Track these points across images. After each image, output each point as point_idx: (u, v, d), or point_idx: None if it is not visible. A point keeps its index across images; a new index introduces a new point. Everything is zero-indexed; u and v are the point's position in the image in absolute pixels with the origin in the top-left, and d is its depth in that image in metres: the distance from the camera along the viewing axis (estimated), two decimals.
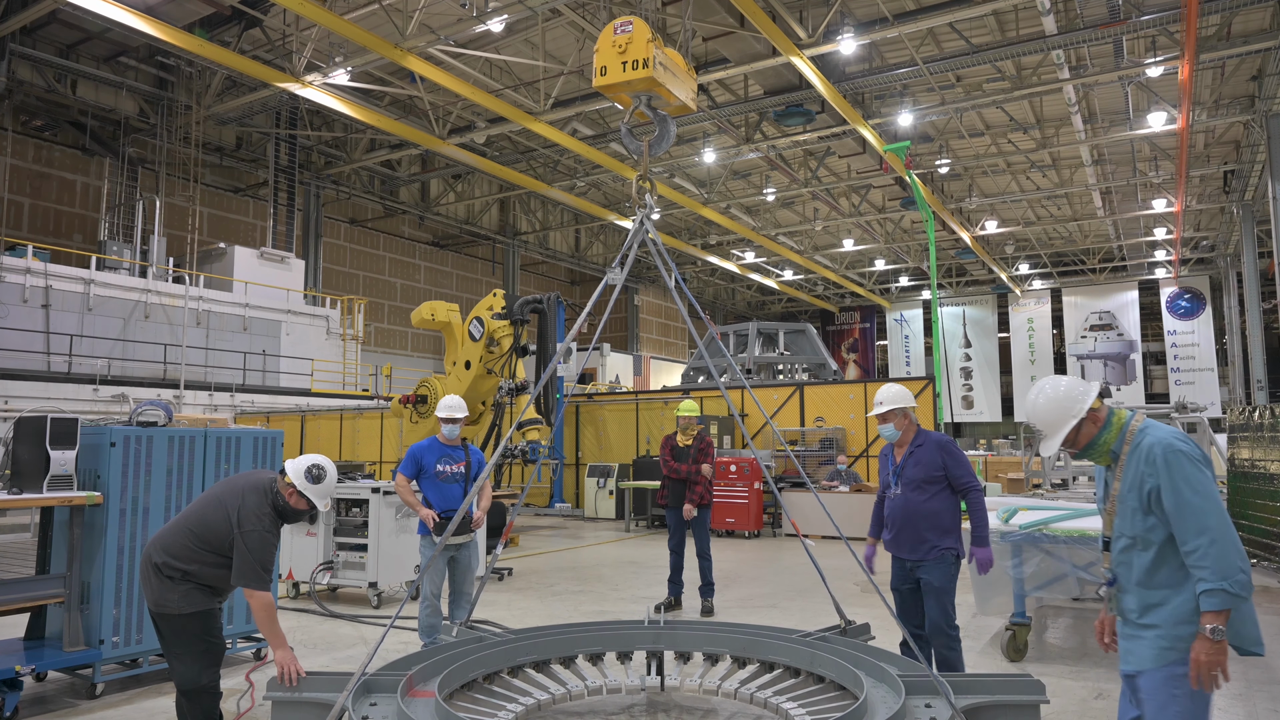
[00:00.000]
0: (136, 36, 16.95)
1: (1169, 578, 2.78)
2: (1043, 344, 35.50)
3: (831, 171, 25.15)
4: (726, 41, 15.76)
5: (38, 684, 5.69)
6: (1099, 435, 2.95)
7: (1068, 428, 2.93)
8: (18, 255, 18.14)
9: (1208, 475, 2.74)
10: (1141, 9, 14.62)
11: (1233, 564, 2.61)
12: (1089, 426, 2.96)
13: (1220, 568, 2.61)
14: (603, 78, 5.41)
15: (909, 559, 4.94)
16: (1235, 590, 2.60)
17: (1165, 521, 2.75)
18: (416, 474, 6.06)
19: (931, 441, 4.94)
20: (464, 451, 6.18)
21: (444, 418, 6.13)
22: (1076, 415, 2.93)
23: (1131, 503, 2.84)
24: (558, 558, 11.96)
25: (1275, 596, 8.81)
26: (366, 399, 23.43)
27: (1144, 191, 25.50)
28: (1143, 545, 2.84)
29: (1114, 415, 2.98)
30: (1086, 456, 3.01)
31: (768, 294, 42.39)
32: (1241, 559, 2.62)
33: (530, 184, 23.55)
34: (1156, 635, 2.78)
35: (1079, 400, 2.94)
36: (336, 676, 3.99)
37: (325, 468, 4.19)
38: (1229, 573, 2.60)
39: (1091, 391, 2.96)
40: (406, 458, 6.08)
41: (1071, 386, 2.98)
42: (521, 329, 12.60)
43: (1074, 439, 2.96)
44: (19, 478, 5.31)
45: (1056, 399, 2.97)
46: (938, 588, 4.80)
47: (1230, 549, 2.62)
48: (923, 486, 4.86)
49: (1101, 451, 2.97)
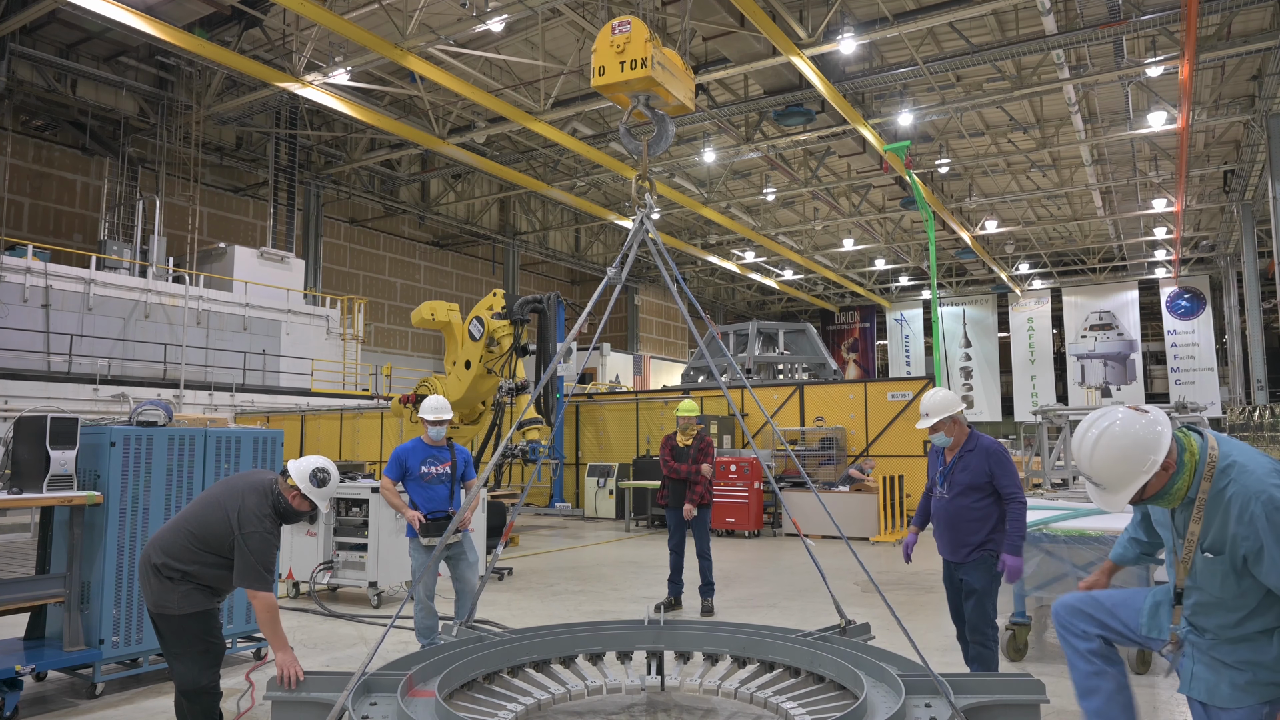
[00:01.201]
0: (136, 36, 16.94)
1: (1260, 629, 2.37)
2: (1043, 344, 35.50)
3: (831, 171, 25.15)
4: (726, 41, 15.75)
5: (38, 684, 5.69)
6: (1170, 485, 2.44)
7: (1137, 484, 2.40)
8: (18, 255, 18.14)
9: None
10: (1141, 9, 14.62)
11: None
12: (1160, 477, 2.42)
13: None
14: (601, 78, 5.42)
15: (951, 560, 5.03)
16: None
17: (1260, 584, 2.33)
18: (402, 476, 6.03)
19: (982, 448, 4.97)
20: (449, 451, 6.12)
21: (430, 420, 6.05)
22: (1149, 471, 2.38)
23: (1222, 566, 2.37)
24: (558, 558, 11.96)
25: None
26: (366, 399, 23.43)
27: (1144, 191, 25.51)
28: (1232, 607, 2.42)
29: (1185, 453, 2.44)
30: (1156, 503, 2.53)
31: (768, 294, 42.39)
32: None
33: (530, 184, 23.55)
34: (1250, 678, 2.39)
35: (1152, 451, 2.39)
36: (336, 676, 3.99)
37: (329, 471, 4.19)
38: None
39: (1166, 436, 2.40)
40: (391, 460, 6.05)
41: (1143, 435, 2.40)
42: (521, 329, 12.60)
43: (1140, 494, 2.45)
44: (19, 478, 5.31)
45: (1124, 451, 2.41)
46: (979, 589, 4.87)
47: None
48: (968, 492, 4.89)
49: (1173, 498, 2.48)
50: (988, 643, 4.87)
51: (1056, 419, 16.58)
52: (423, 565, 5.83)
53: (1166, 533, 2.60)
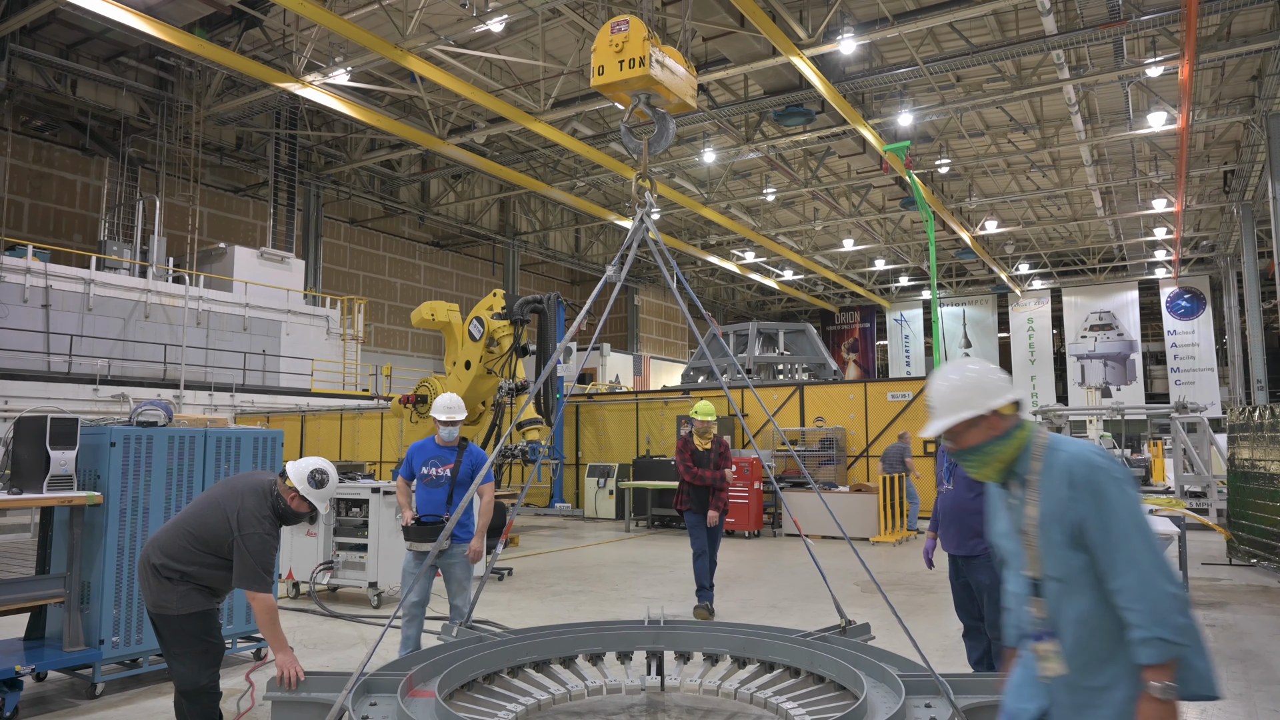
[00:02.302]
0: (136, 36, 16.94)
1: (1115, 624, 2.25)
2: (1043, 344, 35.51)
3: (831, 171, 25.16)
4: (726, 41, 15.75)
5: (38, 684, 5.69)
6: (990, 443, 2.42)
7: (960, 417, 2.41)
8: (18, 255, 18.14)
9: (1135, 496, 2.27)
10: (1141, 9, 14.62)
11: (1168, 606, 2.13)
12: (983, 429, 2.42)
13: (1155, 611, 2.13)
14: (600, 77, 5.42)
15: (957, 554, 5.05)
16: (1174, 637, 2.12)
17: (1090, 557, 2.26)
18: (412, 475, 5.82)
19: None
20: (456, 453, 5.76)
21: (442, 420, 5.71)
22: (976, 409, 2.41)
23: (1055, 535, 2.31)
24: (558, 558, 11.95)
25: (1275, 596, 8.81)
26: (366, 399, 23.43)
27: (1144, 191, 25.51)
28: (1076, 587, 2.30)
29: (1020, 429, 2.44)
30: (964, 463, 2.49)
31: (768, 294, 42.39)
32: (1176, 600, 2.14)
33: (530, 184, 23.55)
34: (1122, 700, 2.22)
35: (989, 395, 2.42)
36: (336, 676, 3.99)
37: (328, 472, 4.19)
38: (1165, 616, 2.12)
39: (1007, 394, 2.43)
40: (404, 458, 5.88)
41: (986, 377, 2.46)
42: (521, 329, 12.59)
43: (961, 433, 2.45)
44: (19, 478, 5.31)
45: (964, 383, 2.47)
46: (989, 585, 4.89)
47: (1165, 586, 2.15)
48: (973, 485, 4.93)
49: (987, 463, 2.45)
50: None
51: (1056, 419, 16.63)
52: (407, 568, 5.62)
53: (1009, 541, 2.50)
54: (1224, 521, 11.70)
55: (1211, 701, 2.36)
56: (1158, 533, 6.09)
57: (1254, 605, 8.32)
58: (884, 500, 13.78)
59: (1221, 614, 7.89)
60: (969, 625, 5.11)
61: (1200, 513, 12.34)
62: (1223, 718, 5.00)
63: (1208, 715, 5.04)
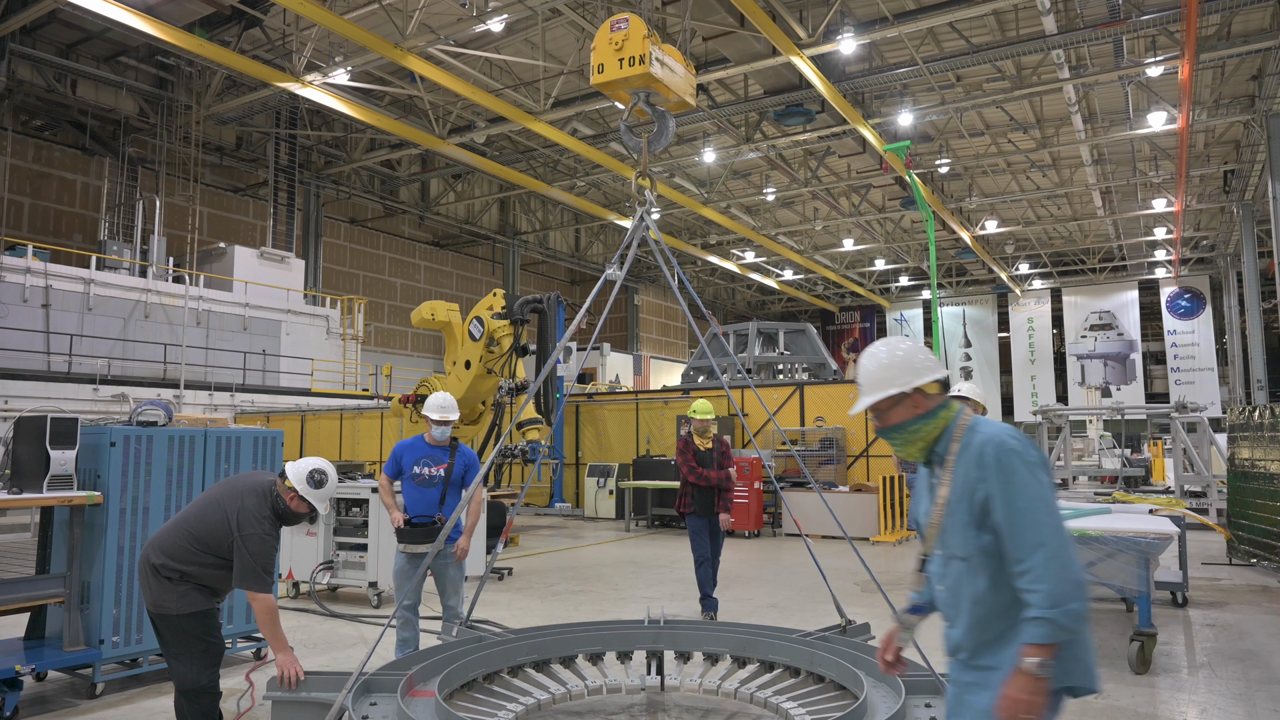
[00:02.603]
0: (136, 36, 16.94)
1: (1009, 606, 2.27)
2: (1043, 344, 35.51)
3: (831, 171, 25.15)
4: (726, 41, 15.75)
5: (38, 684, 5.69)
6: (913, 421, 2.46)
7: (884, 394, 2.46)
8: (18, 255, 18.14)
9: (1045, 480, 2.28)
10: (1141, 9, 14.61)
11: (1067, 589, 2.14)
12: (907, 407, 2.46)
13: (1054, 592, 2.14)
14: (600, 75, 5.41)
15: None
16: (1065, 622, 2.13)
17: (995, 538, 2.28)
18: (399, 474, 5.67)
19: None
20: (450, 453, 5.67)
21: (435, 419, 5.59)
22: (900, 386, 2.45)
23: (962, 515, 2.34)
24: (558, 558, 11.96)
25: (1275, 596, 8.81)
26: (366, 399, 23.43)
27: (1144, 191, 25.51)
28: (977, 567, 2.32)
29: (944, 409, 2.47)
30: (890, 441, 2.53)
31: (768, 294, 42.39)
32: (1078, 586, 2.16)
33: (530, 184, 23.55)
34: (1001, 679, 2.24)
35: (913, 373, 2.46)
36: (336, 676, 3.99)
37: (326, 472, 4.19)
38: (1061, 599, 2.13)
39: (933, 373, 2.47)
40: (390, 456, 5.71)
41: (914, 356, 2.50)
42: (521, 329, 12.59)
43: (885, 410, 2.49)
44: (19, 478, 5.31)
45: (891, 361, 2.50)
46: None
47: (1067, 570, 2.16)
48: None
49: (911, 442, 2.49)
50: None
51: (1056, 419, 16.62)
52: (400, 571, 5.52)
53: (924, 496, 2.56)
54: (1224, 521, 11.70)
55: (1090, 695, 2.32)
56: (1156, 533, 6.07)
57: (1254, 605, 8.32)
58: (884, 500, 13.78)
59: (1221, 614, 7.89)
60: None
61: (1200, 513, 12.34)
62: (1223, 718, 5.00)
63: (1208, 715, 5.05)
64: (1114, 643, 6.71)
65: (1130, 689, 5.51)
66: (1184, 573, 8.28)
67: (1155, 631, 6.03)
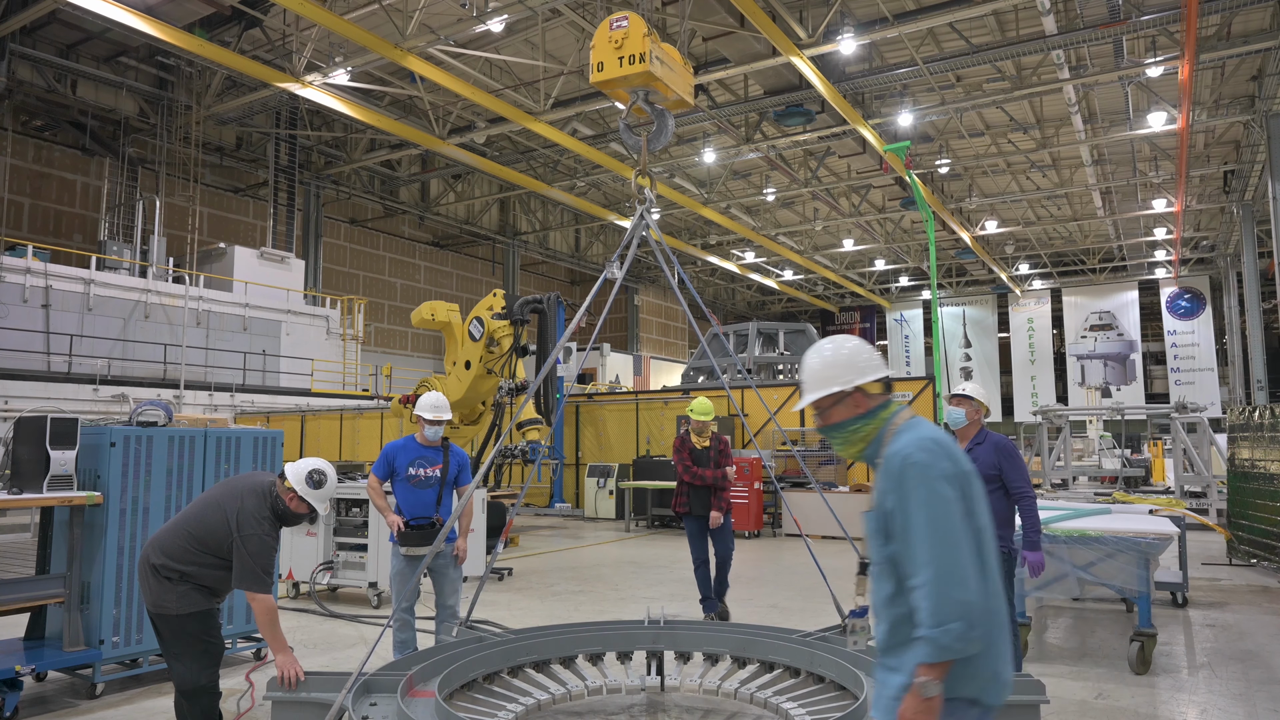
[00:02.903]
0: (136, 36, 16.94)
1: (910, 616, 2.27)
2: (1043, 344, 35.49)
3: (831, 171, 25.15)
4: (726, 41, 15.75)
5: (38, 684, 5.69)
6: (853, 421, 2.46)
7: (824, 392, 2.46)
8: (18, 255, 18.14)
9: (948, 495, 2.22)
10: (1141, 9, 14.61)
11: (951, 609, 2.11)
12: (848, 406, 2.46)
13: (935, 612, 2.12)
14: (600, 73, 5.40)
15: None
16: (946, 642, 2.10)
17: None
18: (389, 475, 5.60)
19: (991, 442, 5.01)
20: (442, 453, 5.65)
21: (428, 419, 5.55)
22: (841, 384, 2.44)
23: (873, 522, 2.37)
24: (558, 558, 11.96)
25: (1275, 596, 8.81)
26: (366, 399, 23.43)
27: (1144, 191, 25.50)
28: (886, 574, 2.34)
29: (885, 409, 2.46)
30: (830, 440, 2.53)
31: (768, 294, 42.39)
32: (963, 606, 2.12)
33: (530, 184, 23.55)
34: (898, 687, 2.26)
35: (855, 372, 2.45)
36: (336, 676, 3.99)
37: (326, 473, 4.19)
38: (944, 618, 2.11)
39: (874, 371, 2.47)
40: (379, 457, 5.63)
41: (858, 355, 2.49)
42: (521, 329, 12.59)
43: (827, 408, 2.49)
44: (19, 478, 5.31)
45: (834, 360, 2.49)
46: None
47: (953, 589, 2.13)
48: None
49: (851, 442, 2.48)
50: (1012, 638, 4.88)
51: (1056, 419, 16.61)
52: (399, 573, 5.49)
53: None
54: (1224, 521, 11.70)
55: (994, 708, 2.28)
56: (1156, 533, 6.07)
57: (1254, 605, 8.32)
58: None
59: (1221, 614, 7.89)
60: None
61: (1200, 513, 12.34)
62: (1223, 718, 5.00)
63: (1208, 715, 5.05)
64: (1114, 643, 6.71)
65: (1130, 689, 5.51)
66: (1184, 573, 8.28)
67: (1155, 632, 6.02)
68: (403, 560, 5.47)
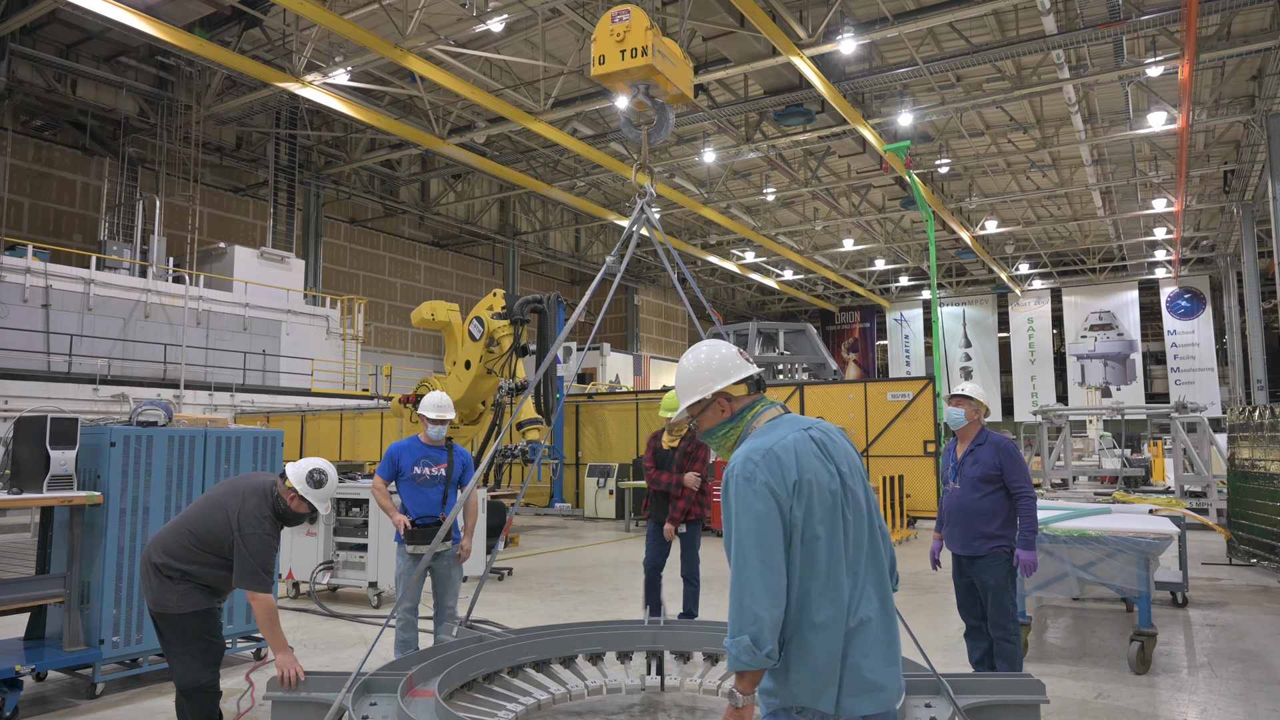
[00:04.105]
0: (136, 36, 16.94)
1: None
2: (1043, 344, 35.50)
3: (831, 171, 25.15)
4: (726, 41, 15.75)
5: (38, 684, 5.69)
6: (721, 426, 2.45)
7: (689, 402, 2.46)
8: (18, 255, 18.14)
9: (753, 508, 2.17)
10: (1141, 9, 14.62)
11: (742, 619, 2.10)
12: (715, 411, 2.45)
13: (731, 621, 2.12)
14: (601, 66, 5.37)
15: (962, 554, 5.06)
16: (736, 651, 2.10)
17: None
18: (394, 476, 5.60)
19: (992, 442, 5.04)
20: (447, 452, 5.68)
21: (432, 419, 5.55)
22: (699, 393, 2.43)
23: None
24: (558, 558, 11.95)
25: (1275, 596, 8.81)
26: (366, 399, 23.43)
27: (1144, 191, 25.50)
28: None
29: (749, 411, 2.43)
30: (711, 445, 2.51)
31: (768, 294, 42.39)
32: (753, 618, 2.09)
33: (530, 184, 23.55)
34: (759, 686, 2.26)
35: (714, 379, 2.42)
36: (336, 676, 3.99)
37: (326, 472, 4.19)
38: (737, 628, 2.10)
39: (734, 374, 2.43)
40: (384, 458, 5.61)
41: (713, 360, 2.46)
42: (521, 329, 12.58)
43: (698, 415, 2.48)
44: (19, 478, 5.31)
45: (697, 367, 2.47)
46: (994, 586, 4.90)
47: (745, 599, 2.11)
48: (978, 485, 4.96)
49: (725, 446, 2.46)
50: (1010, 637, 4.91)
51: (1056, 419, 16.62)
52: (405, 573, 5.48)
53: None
54: (1224, 521, 11.70)
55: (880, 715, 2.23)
56: (1156, 533, 6.07)
57: (1254, 605, 8.32)
58: (884, 499, 13.78)
59: (1221, 614, 7.89)
60: (971, 625, 5.11)
61: (1200, 513, 12.35)
62: (1223, 718, 5.00)
63: (1208, 715, 5.05)
64: (1114, 642, 6.72)
65: (1130, 689, 5.51)
66: (1184, 573, 8.28)
67: (1155, 631, 6.02)
68: (409, 560, 5.47)
